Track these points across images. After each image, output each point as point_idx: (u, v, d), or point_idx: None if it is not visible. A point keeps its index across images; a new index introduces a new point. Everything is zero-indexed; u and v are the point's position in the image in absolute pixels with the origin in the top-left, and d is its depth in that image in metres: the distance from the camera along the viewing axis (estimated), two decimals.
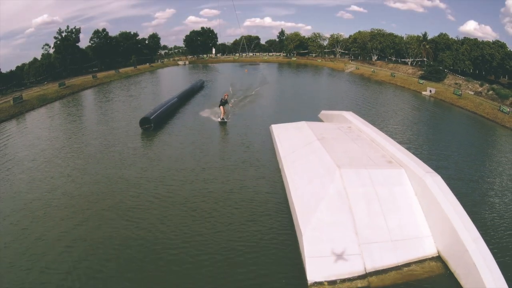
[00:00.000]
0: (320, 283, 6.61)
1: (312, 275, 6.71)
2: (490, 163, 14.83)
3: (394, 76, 42.29)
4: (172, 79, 43.59)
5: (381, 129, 14.57)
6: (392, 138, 12.94)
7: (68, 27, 50.13)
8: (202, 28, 69.19)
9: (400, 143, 12.33)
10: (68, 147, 15.12)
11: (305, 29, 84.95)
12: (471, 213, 8.31)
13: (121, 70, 45.96)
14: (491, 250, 6.82)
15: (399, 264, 7.33)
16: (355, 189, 8.46)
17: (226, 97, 18.70)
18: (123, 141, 15.51)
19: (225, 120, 17.90)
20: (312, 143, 11.52)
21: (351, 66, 51.44)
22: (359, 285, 6.67)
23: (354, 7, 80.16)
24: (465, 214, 7.64)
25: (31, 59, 49.53)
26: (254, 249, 7.54)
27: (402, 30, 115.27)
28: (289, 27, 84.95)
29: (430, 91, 35.27)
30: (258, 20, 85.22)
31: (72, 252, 7.44)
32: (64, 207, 9.44)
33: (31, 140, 16.55)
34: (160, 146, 14.92)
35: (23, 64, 51.30)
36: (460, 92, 33.83)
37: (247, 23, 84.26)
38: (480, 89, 38.19)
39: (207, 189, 10.28)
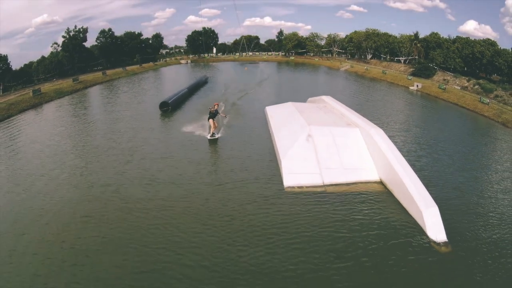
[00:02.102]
0: (292, 187, 10.81)
1: (287, 182, 10.97)
2: (448, 135, 18.87)
3: (385, 73, 46.65)
4: (177, 76, 48.04)
5: (360, 111, 18.70)
6: (367, 117, 17.01)
7: (76, 26, 54.75)
8: (204, 28, 74.20)
9: (371, 119, 16.37)
10: (101, 122, 19.54)
11: (305, 29, 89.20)
12: (413, 162, 12.61)
13: (127, 68, 50.41)
14: (426, 184, 10.18)
15: (348, 182, 11.44)
16: (320, 138, 12.70)
17: (216, 107, 16.20)
18: (148, 118, 20.23)
19: (216, 136, 15.63)
20: (294, 114, 15.91)
21: (346, 65, 55.94)
22: (319, 190, 10.82)
23: (354, 7, 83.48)
24: (398, 152, 11.68)
25: (32, 58, 53.44)
26: (251, 170, 12.10)
27: (402, 30, 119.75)
28: (289, 26, 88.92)
29: (417, 86, 39.48)
30: (258, 19, 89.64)
31: (120, 177, 11.73)
32: (112, 154, 13.81)
33: (65, 119, 20.90)
34: (178, 120, 19.63)
35: (31, 62, 55.69)
36: (445, 87, 37.99)
37: (247, 22, 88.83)
38: (466, 84, 42.33)
39: (218, 142, 15.19)
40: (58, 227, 8.62)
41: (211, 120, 15.61)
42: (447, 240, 8.33)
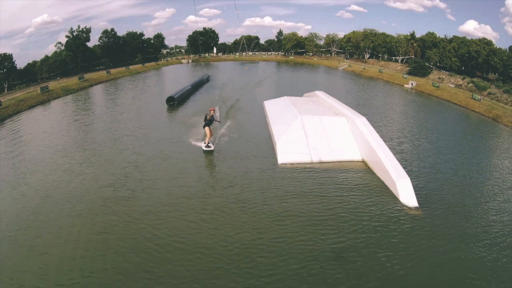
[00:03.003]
0: (285, 164, 13.01)
1: (281, 160, 13.22)
2: (434, 126, 21.00)
3: (382, 72, 48.94)
4: (180, 75, 50.31)
5: (352, 104, 20.94)
6: (358, 109, 19.11)
7: (79, 26, 57.14)
8: (204, 28, 76.80)
9: (364, 113, 18.46)
10: (112, 114, 21.82)
11: (305, 29, 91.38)
12: (394, 146, 14.73)
13: (130, 67, 52.75)
14: (403, 163, 12.29)
15: (334, 161, 13.59)
16: (310, 125, 14.89)
17: (212, 113, 14.86)
18: (156, 111, 22.68)
19: (211, 146, 14.39)
20: (288, 106, 18.19)
21: (344, 64, 58.29)
22: (307, 166, 12.97)
23: (354, 7, 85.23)
24: (378, 136, 13.78)
25: (32, 58, 55.36)
26: (250, 150, 14.44)
27: (402, 29, 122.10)
28: (289, 26, 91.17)
29: (412, 84, 41.67)
30: (258, 19, 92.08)
31: (138, 156, 13.91)
32: (127, 139, 16.08)
33: (77, 112, 23.15)
34: (183, 112, 22.20)
35: (34, 61, 57.94)
36: (438, 84, 40.18)
37: (247, 22, 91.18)
38: (461, 82, 44.52)
39: (221, 125, 17.65)
40: (83, 192, 10.59)
41: (206, 128, 14.51)
42: (418, 206, 10.08)
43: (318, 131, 14.73)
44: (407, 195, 10.56)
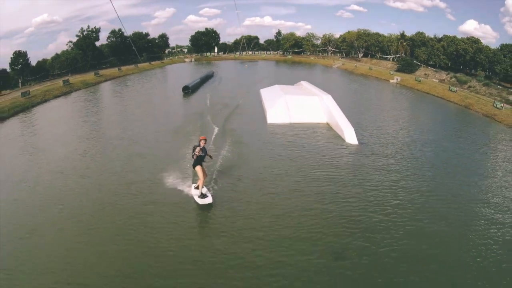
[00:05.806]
0: (272, 123, 20.55)
1: (269, 121, 21.18)
2: (396, 107, 28.43)
3: (372, 69, 56.56)
4: (186, 71, 58.20)
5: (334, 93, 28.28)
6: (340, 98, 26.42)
7: (88, 26, 65.10)
8: (206, 28, 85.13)
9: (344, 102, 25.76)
10: (134, 101, 29.44)
11: (305, 28, 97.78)
12: (353, 116, 21.92)
13: (138, 65, 60.50)
14: (355, 125, 19.49)
15: (306, 122, 21.03)
16: (291, 102, 22.62)
17: (203, 143, 10.71)
18: (174, 97, 30.70)
19: (208, 196, 10.71)
20: (277, 91, 26.10)
21: (338, 62, 66.18)
22: (287, 125, 20.46)
23: (354, 6, 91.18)
24: (338, 107, 21.13)
25: (32, 57, 60.09)
26: (248, 117, 22.35)
27: (402, 29, 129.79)
28: (289, 26, 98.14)
29: (397, 79, 49.02)
30: (258, 19, 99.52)
31: (162, 130, 21.27)
32: (153, 118, 23.57)
33: (103, 100, 30.60)
34: (196, 98, 30.00)
35: (44, 59, 65.43)
36: (420, 79, 47.48)
37: (247, 22, 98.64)
38: (444, 77, 51.81)
39: (224, 105, 25.06)
40: (104, 159, 16.37)
41: (198, 168, 10.84)
42: (358, 144, 17.28)
43: (297, 105, 22.33)
44: (351, 138, 18.00)
